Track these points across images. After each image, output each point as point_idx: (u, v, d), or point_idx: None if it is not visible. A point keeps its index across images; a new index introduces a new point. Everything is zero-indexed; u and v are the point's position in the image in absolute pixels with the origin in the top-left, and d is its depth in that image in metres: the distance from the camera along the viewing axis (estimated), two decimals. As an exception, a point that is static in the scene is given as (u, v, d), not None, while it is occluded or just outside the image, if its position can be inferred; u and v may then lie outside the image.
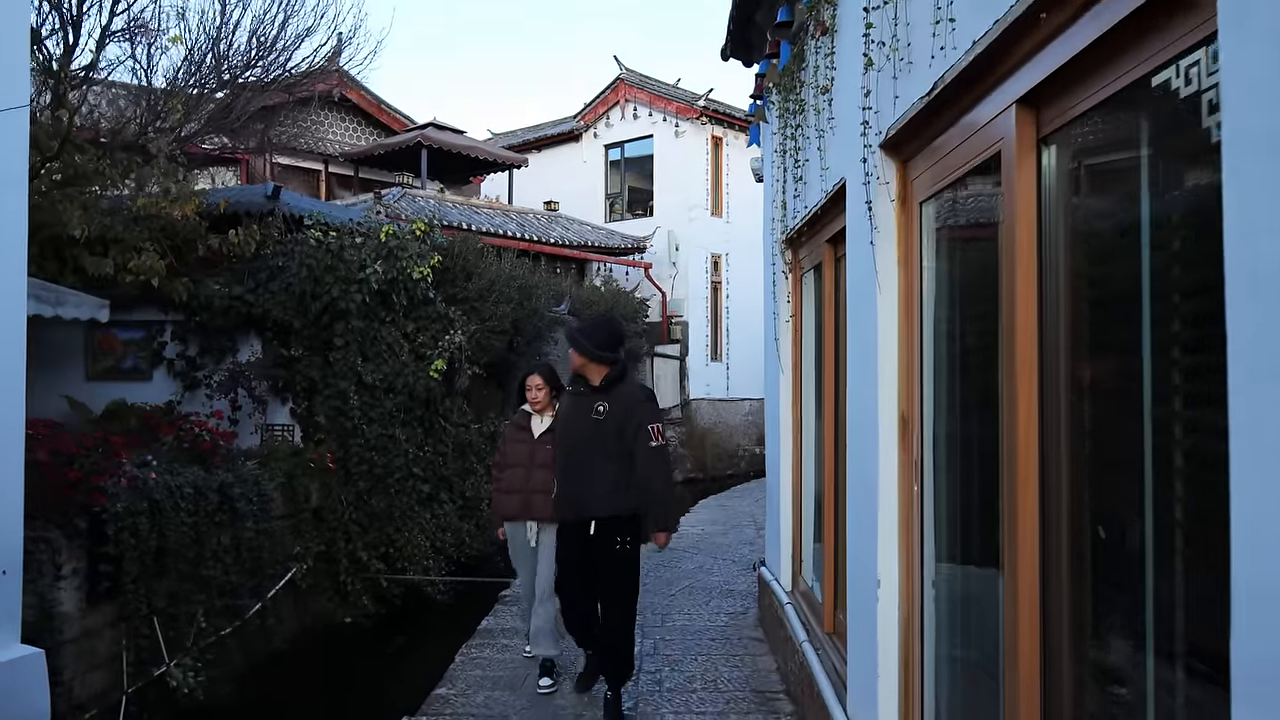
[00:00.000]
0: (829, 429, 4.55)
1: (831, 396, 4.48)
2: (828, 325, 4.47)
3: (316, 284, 9.86)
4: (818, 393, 4.90)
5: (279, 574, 8.89)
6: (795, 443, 5.37)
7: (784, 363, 5.28)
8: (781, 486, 5.61)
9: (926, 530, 2.94)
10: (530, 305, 13.96)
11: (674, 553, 9.56)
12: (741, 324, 23.32)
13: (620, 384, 4.74)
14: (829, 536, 4.59)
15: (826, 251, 4.41)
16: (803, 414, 5.26)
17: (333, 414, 10.03)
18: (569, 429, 4.79)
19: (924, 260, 2.97)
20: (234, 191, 11.34)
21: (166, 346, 10.52)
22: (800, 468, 5.36)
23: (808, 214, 4.40)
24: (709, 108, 22.57)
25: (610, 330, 4.89)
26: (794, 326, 5.25)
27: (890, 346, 3.13)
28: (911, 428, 3.02)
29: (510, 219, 20.06)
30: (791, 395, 5.37)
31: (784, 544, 5.59)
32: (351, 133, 22.86)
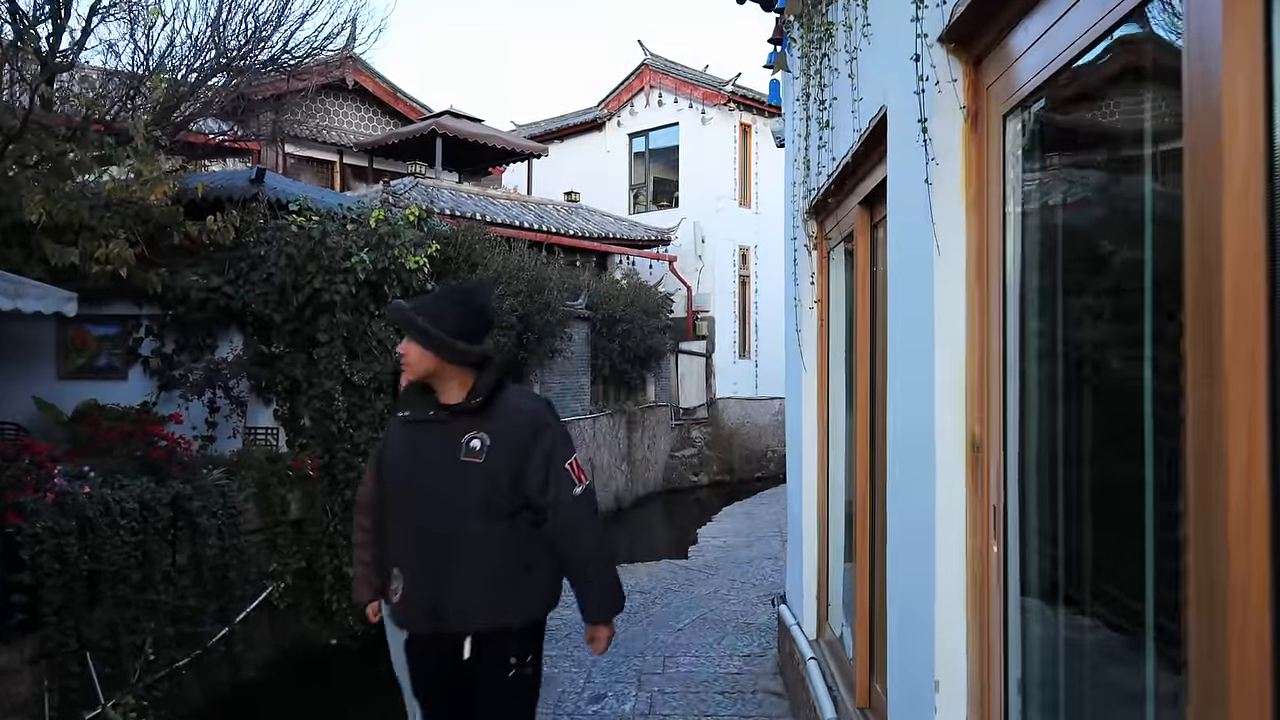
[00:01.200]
0: (861, 447, 3.55)
1: (865, 405, 3.48)
2: (860, 312, 3.47)
3: (298, 274, 8.99)
4: (849, 398, 3.92)
5: (251, 594, 8.04)
6: (821, 458, 4.38)
7: (807, 359, 4.29)
8: (804, 511, 4.61)
9: (1012, 610, 1.95)
10: (541, 299, 13.05)
11: (687, 573, 8.58)
12: (771, 319, 22.24)
13: (503, 396, 2.83)
14: (862, 580, 3.60)
15: (859, 218, 3.42)
16: (830, 423, 4.27)
17: (317, 416, 9.17)
18: (414, 480, 2.83)
19: (1008, 203, 1.98)
20: (214, 176, 10.50)
21: (142, 343, 9.72)
22: (827, 490, 4.36)
23: (837, 167, 3.41)
24: (737, 93, 21.51)
25: (470, 305, 2.84)
26: (820, 314, 4.26)
27: (953, 335, 2.14)
28: (986, 458, 2.04)
29: (528, 210, 19.18)
30: (817, 399, 4.38)
31: (807, 581, 4.60)
32: (366, 122, 22.13)
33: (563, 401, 15.42)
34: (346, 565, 9.09)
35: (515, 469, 2.75)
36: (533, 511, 2.81)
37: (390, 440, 3.04)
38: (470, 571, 2.75)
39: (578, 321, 15.82)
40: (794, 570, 5.05)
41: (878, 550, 3.47)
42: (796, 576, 4.91)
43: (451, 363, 2.77)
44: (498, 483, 2.73)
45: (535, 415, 2.87)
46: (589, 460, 15.76)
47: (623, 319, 16.65)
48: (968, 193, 2.08)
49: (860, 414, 3.52)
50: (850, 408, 3.94)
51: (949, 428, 2.11)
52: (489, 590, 2.76)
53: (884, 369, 3.23)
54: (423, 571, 2.79)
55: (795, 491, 4.86)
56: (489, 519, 2.74)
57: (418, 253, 10.04)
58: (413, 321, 2.76)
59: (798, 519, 4.81)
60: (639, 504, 17.40)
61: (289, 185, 10.47)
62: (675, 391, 20.07)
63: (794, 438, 4.81)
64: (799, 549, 4.80)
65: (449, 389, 2.82)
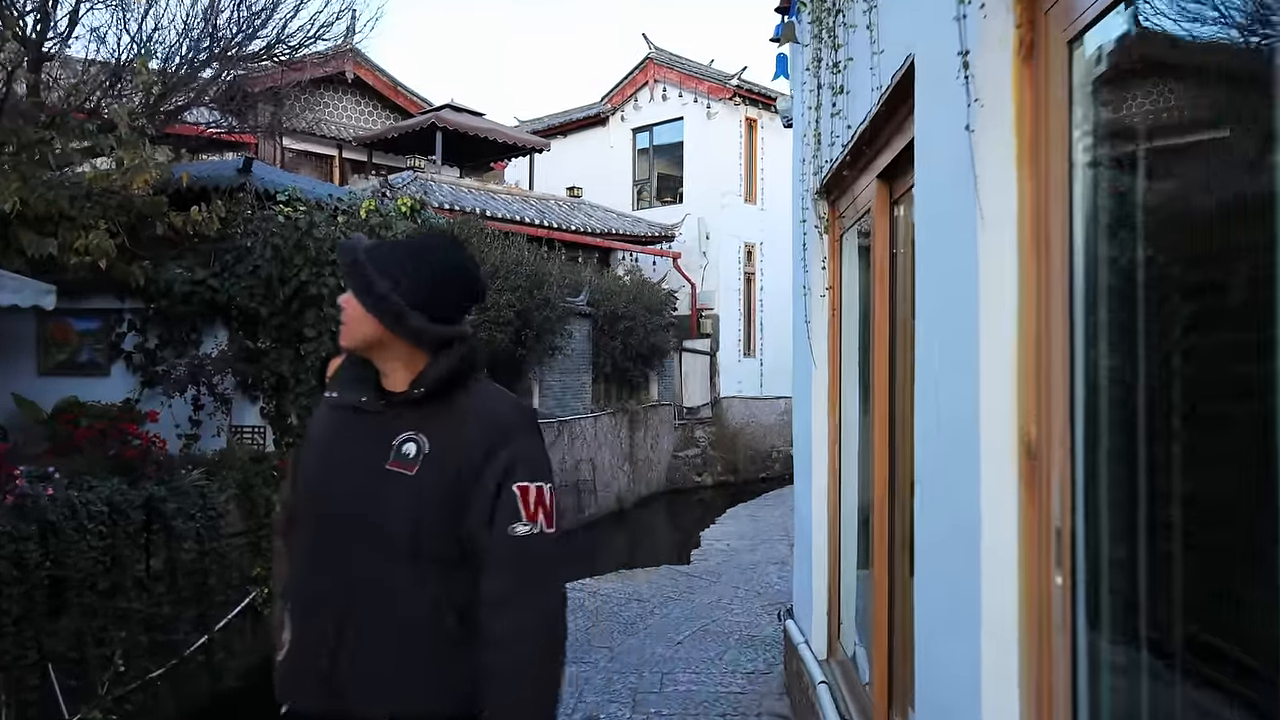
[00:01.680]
0: (880, 447, 3.18)
1: (883, 402, 3.11)
2: (878, 299, 3.10)
3: (284, 266, 8.64)
4: (865, 396, 3.55)
5: (233, 600, 7.69)
6: (832, 459, 4.00)
7: (817, 352, 3.92)
8: (814, 516, 4.24)
9: (1081, 659, 1.58)
10: (541, 295, 12.69)
11: (688, 579, 8.20)
12: (776, 317, 21.84)
13: (465, 392, 1.95)
14: (880, 595, 3.23)
15: (877, 193, 3.05)
16: (843, 421, 3.90)
17: (305, 414, 8.81)
18: (326, 488, 1.97)
19: (1074, 153, 1.61)
20: (201, 165, 10.16)
21: (126, 338, 9.38)
22: (839, 494, 3.99)
23: (852, 136, 3.04)
24: (742, 87, 21.12)
25: (443, 265, 2.00)
26: (832, 303, 3.89)
27: (1001, 319, 1.77)
28: (1045, 467, 1.67)
29: (529, 205, 18.82)
30: (828, 395, 4.01)
31: (817, 594, 4.23)
32: (366, 116, 21.79)
33: (563, 400, 15.07)
34: (335, 569, 8.74)
35: (458, 491, 1.83)
36: (466, 556, 1.86)
37: (310, 431, 2.13)
38: (383, 630, 1.84)
39: (579, 318, 15.46)
40: (802, 581, 4.68)
41: (898, 562, 3.11)
42: (805, 588, 4.54)
43: (401, 336, 1.93)
44: (430, 506, 1.83)
45: (499, 422, 1.90)
46: (589, 460, 15.41)
47: (625, 316, 16.28)
48: (1020, 142, 1.71)
49: (878, 411, 3.15)
50: (866, 405, 3.57)
51: (996, 428, 1.74)
52: (409, 660, 1.83)
53: (907, 362, 2.86)
54: (316, 622, 1.90)
55: (804, 495, 4.49)
56: (416, 557, 1.82)
57: (411, 245, 9.67)
58: (359, 268, 1.98)
59: (806, 525, 4.44)
60: (641, 505, 17.03)
61: (278, 175, 10.13)
62: (679, 390, 19.69)
63: (802, 437, 4.44)
64: (807, 558, 4.43)
65: (394, 371, 1.97)
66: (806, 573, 4.47)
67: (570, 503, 14.69)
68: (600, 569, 11.87)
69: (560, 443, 14.60)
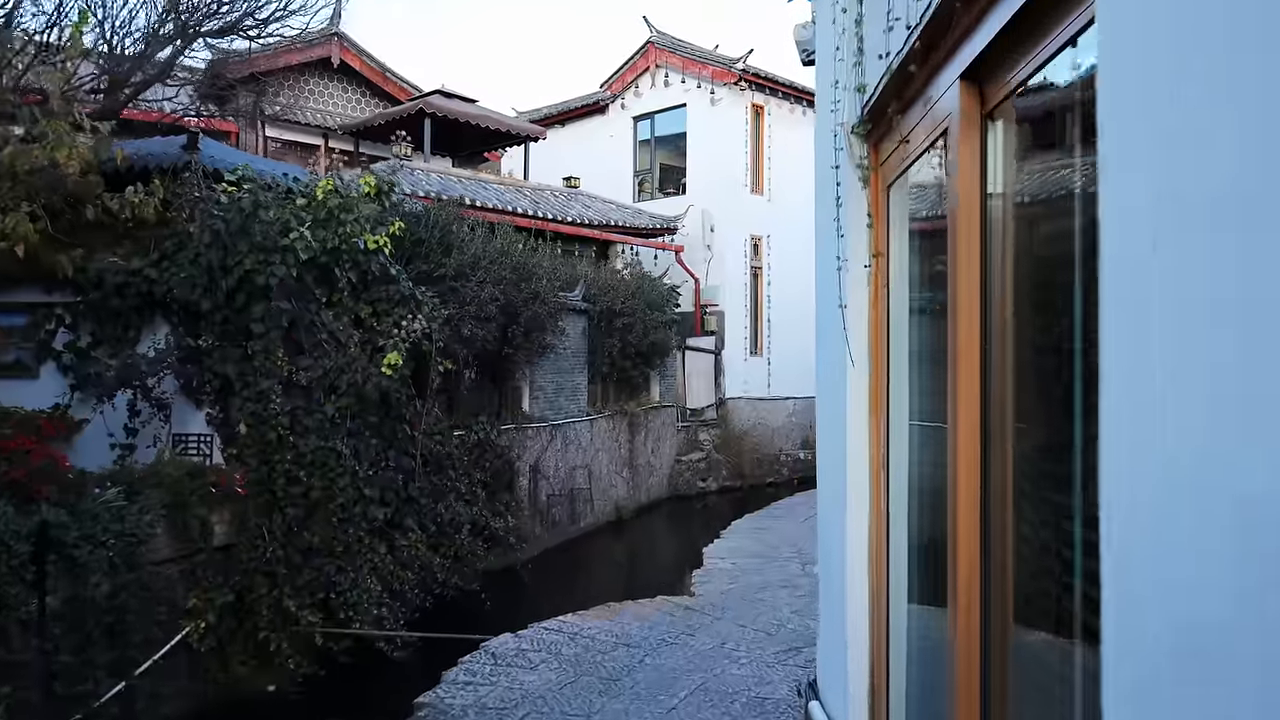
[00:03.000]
0: (964, 474, 2.10)
1: (971, 408, 2.04)
2: (962, 264, 2.03)
3: (226, 253, 7.60)
4: (930, 397, 2.49)
5: (160, 639, 6.65)
6: (876, 487, 2.93)
7: (855, 343, 2.84)
8: (849, 560, 3.15)
9: None
10: (529, 288, 11.62)
11: (686, 616, 7.09)
12: (785, 313, 20.77)
13: None
14: (968, 687, 2.16)
15: (963, 104, 1.98)
16: (890, 435, 2.82)
17: (252, 422, 7.77)
18: None
19: None
20: (141, 142, 9.10)
21: (56, 335, 8.34)
22: (886, 534, 2.91)
23: (922, 17, 1.97)
24: (748, 71, 20.03)
25: None
26: (876, 277, 2.82)
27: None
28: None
29: (522, 195, 17.75)
30: (869, 402, 2.93)
31: (854, 665, 3.16)
32: (354, 104, 20.79)
33: (557, 402, 14.00)
34: (289, 597, 7.70)
35: None
36: None
37: None
38: None
39: (574, 315, 14.39)
40: (831, 643, 3.58)
41: (998, 644, 2.04)
42: (835, 653, 3.44)
43: None
44: None
45: None
46: (585, 467, 14.35)
47: (624, 312, 15.20)
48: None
49: (963, 422, 2.08)
50: (930, 411, 2.52)
51: None
52: None
53: (1005, 354, 1.79)
54: None
55: (832, 527, 3.40)
56: None
57: (378, 231, 8.62)
58: None
59: (836, 566, 3.33)
60: (641, 513, 15.96)
61: (229, 154, 9.08)
62: (681, 391, 18.61)
63: (831, 454, 3.34)
64: (839, 612, 3.33)
65: None
66: (838, 631, 3.37)
67: (565, 512, 13.64)
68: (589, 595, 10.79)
69: (553, 448, 13.55)
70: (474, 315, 10.13)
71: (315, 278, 8.15)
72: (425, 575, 9.02)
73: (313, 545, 7.92)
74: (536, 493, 12.99)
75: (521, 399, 13.19)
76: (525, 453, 12.68)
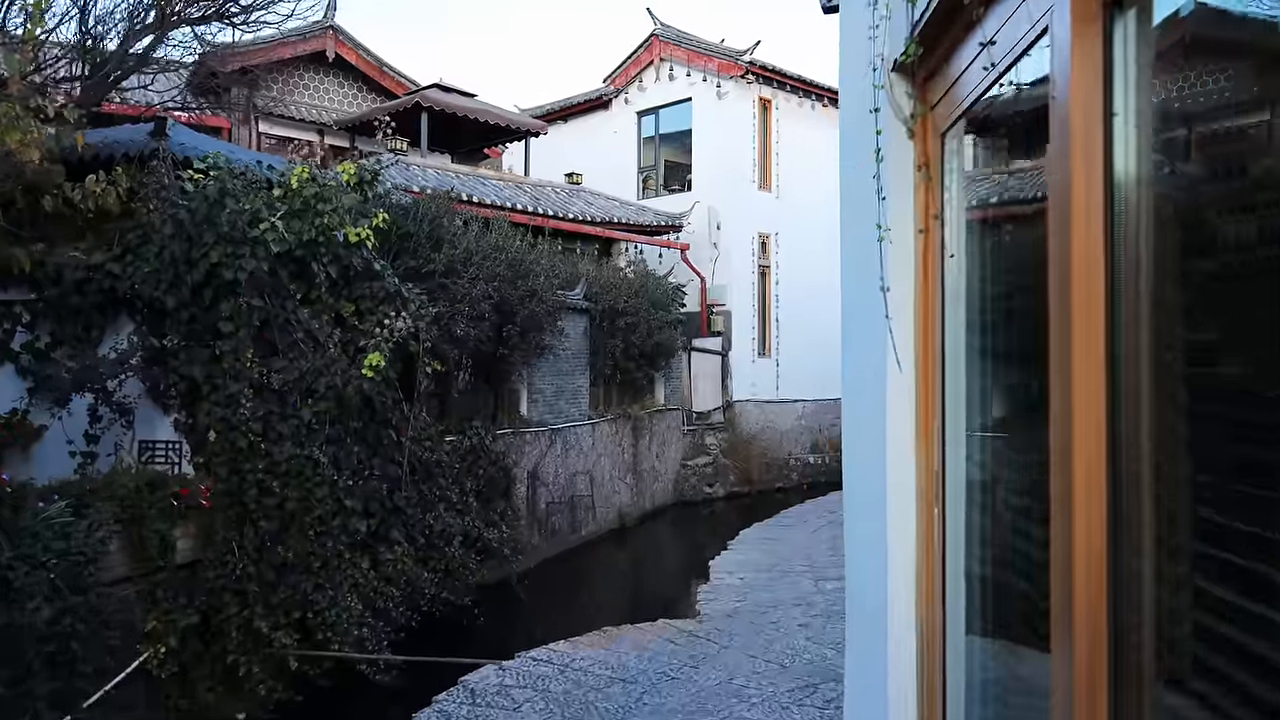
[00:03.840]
0: (1085, 503, 1.49)
1: (1093, 419, 1.44)
2: (1079, 227, 1.43)
3: (190, 245, 7.02)
4: (1016, 406, 1.89)
5: (114, 667, 6.06)
6: (928, 510, 2.30)
7: (901, 343, 2.22)
8: (892, 594, 2.47)
9: None
10: (526, 286, 11.02)
11: (690, 644, 6.45)
12: (794, 313, 20.17)
13: None
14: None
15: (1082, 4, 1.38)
16: (948, 449, 2.21)
17: (221, 428, 7.18)
18: None
19: None
20: (105, 130, 8.54)
21: (15, 335, 7.77)
22: (942, 561, 2.28)
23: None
24: (756, 64, 19.42)
25: None
26: (927, 252, 2.21)
27: None
28: None
29: (522, 191, 17.17)
30: (919, 412, 2.31)
31: (897, 711, 2.55)
32: (350, 99, 20.26)
33: (556, 406, 13.40)
34: (261, 617, 7.11)
35: None
36: None
37: None
38: None
39: (574, 314, 13.79)
40: (865, 688, 2.94)
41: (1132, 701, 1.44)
42: (872, 701, 2.81)
43: None
44: None
45: None
46: (587, 472, 13.74)
47: (627, 311, 14.60)
48: None
49: (1081, 436, 1.47)
50: (1009, 420, 1.91)
51: None
52: None
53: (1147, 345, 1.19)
54: None
55: (869, 555, 2.74)
56: None
57: (360, 224, 8.04)
58: None
59: (875, 601, 2.66)
60: (645, 521, 15.35)
61: (202, 142, 8.50)
62: (687, 394, 18.00)
63: (865, 471, 2.71)
64: (876, 652, 2.68)
65: None
66: (874, 671, 2.73)
67: (565, 521, 13.04)
68: (587, 611, 10.19)
69: (553, 453, 12.95)
70: (466, 314, 9.54)
71: (291, 273, 7.57)
72: (412, 591, 8.42)
73: (287, 561, 7.34)
74: (535, 500, 12.39)
75: (519, 402, 12.59)
76: (523, 458, 12.08)
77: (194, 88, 16.64)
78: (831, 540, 11.39)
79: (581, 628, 8.07)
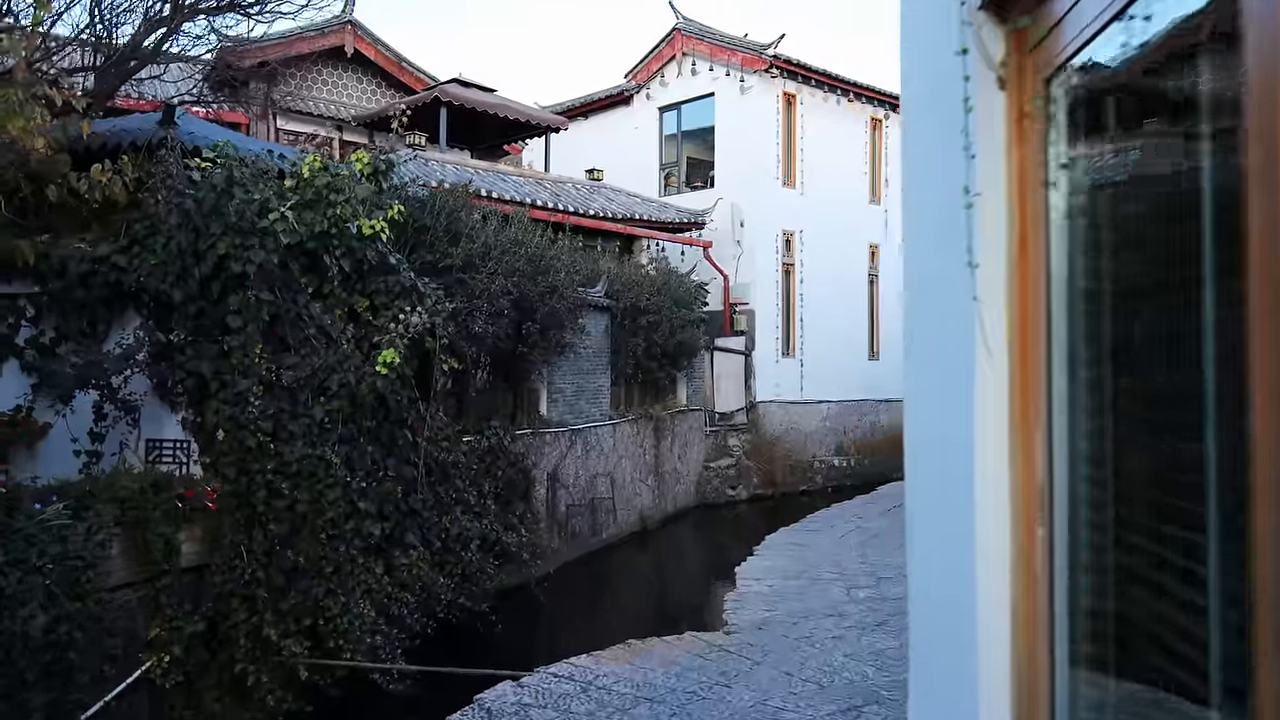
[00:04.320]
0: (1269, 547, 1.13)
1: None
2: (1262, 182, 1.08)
3: (197, 236, 6.74)
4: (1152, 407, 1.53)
5: (115, 676, 5.78)
6: (1028, 528, 1.93)
7: (992, 323, 1.86)
8: (983, 622, 2.10)
9: None
10: (546, 282, 10.70)
11: (721, 659, 6.06)
12: (819, 312, 19.76)
13: None
14: None
15: None
16: (1054, 458, 1.84)
17: (229, 426, 6.90)
18: None
19: None
20: (113, 120, 8.30)
21: (19, 330, 7.53)
22: (1050, 588, 1.91)
23: None
24: (780, 58, 19.02)
25: None
26: (1024, 222, 1.85)
27: None
28: None
29: (542, 187, 16.87)
30: (1016, 407, 1.93)
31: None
32: (368, 95, 20.06)
33: (577, 406, 13.06)
34: (271, 624, 6.82)
35: None
36: None
37: None
38: None
39: (596, 312, 13.45)
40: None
41: None
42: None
43: None
44: None
45: None
46: (608, 474, 13.41)
47: (649, 310, 14.24)
48: None
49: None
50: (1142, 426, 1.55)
51: None
52: None
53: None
54: None
55: (945, 576, 2.36)
56: None
57: (374, 216, 7.74)
58: None
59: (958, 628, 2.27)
60: (667, 523, 14.99)
61: (213, 131, 8.24)
62: (709, 394, 17.63)
63: (940, 482, 2.34)
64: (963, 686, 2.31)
65: None
66: (960, 709, 2.35)
67: (585, 523, 12.71)
68: (608, 619, 9.85)
69: (573, 454, 12.62)
70: (485, 310, 9.22)
71: (302, 266, 7.28)
72: (427, 597, 8.12)
73: (298, 565, 7.04)
74: (555, 503, 12.07)
75: (539, 402, 12.27)
76: (543, 460, 11.76)
77: (211, 83, 16.46)
78: (860, 546, 11.00)
79: (603, 636, 7.73)
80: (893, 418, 21.24)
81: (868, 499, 15.61)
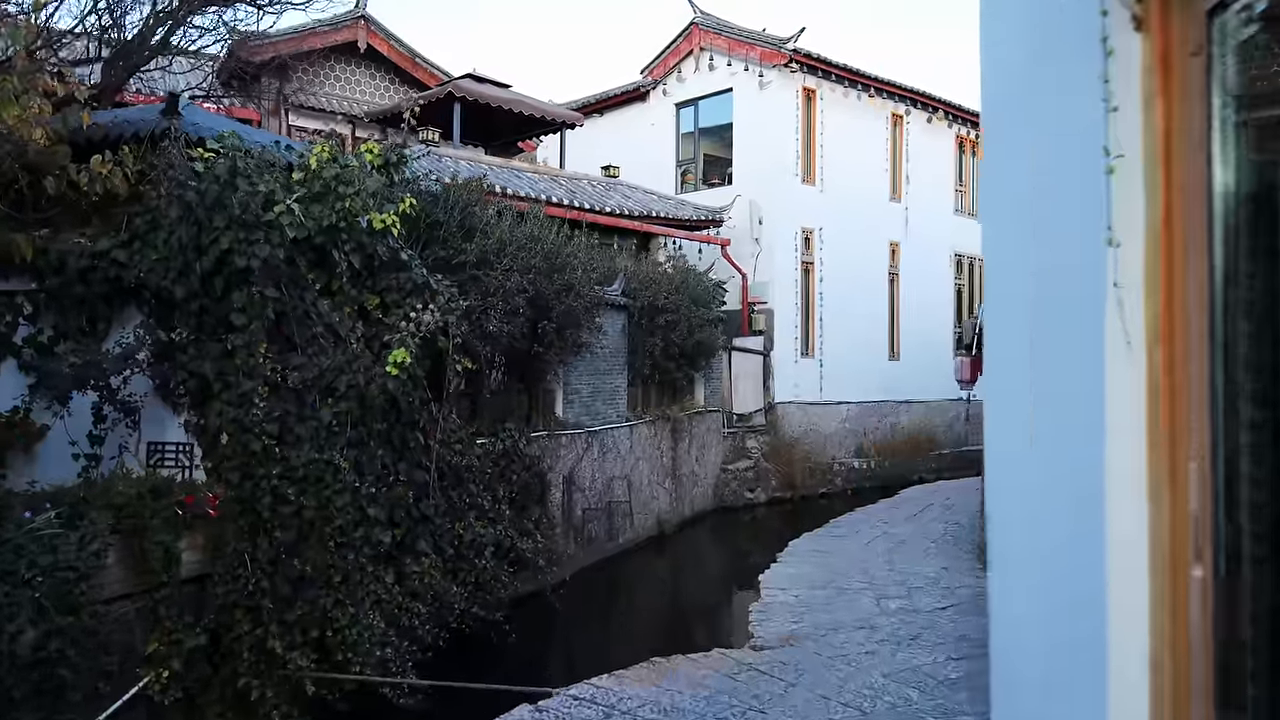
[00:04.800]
0: None
1: None
2: None
3: (199, 230, 6.44)
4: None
5: (111, 693, 5.48)
6: (1177, 547, 1.58)
7: (1131, 308, 1.53)
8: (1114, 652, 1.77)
9: None
10: (562, 279, 10.37)
11: (751, 679, 5.67)
12: (839, 312, 19.38)
13: None
14: None
15: None
16: (1219, 489, 1.50)
17: (233, 429, 6.60)
18: None
19: None
20: (116, 111, 8.01)
21: (18, 328, 7.25)
22: (1212, 613, 1.56)
23: None
24: (799, 52, 18.64)
25: None
26: (1171, 190, 1.51)
27: None
28: None
29: (558, 184, 16.54)
30: (1158, 405, 1.60)
31: None
32: (381, 91, 19.79)
33: (593, 407, 12.73)
34: (276, 637, 6.50)
35: None
36: None
37: None
38: None
39: (612, 311, 13.11)
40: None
41: None
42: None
43: None
44: None
45: None
46: (624, 477, 13.07)
47: (666, 309, 13.90)
48: None
49: None
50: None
51: None
52: None
53: None
54: None
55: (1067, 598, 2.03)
56: None
57: (386, 209, 7.43)
58: None
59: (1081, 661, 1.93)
60: (685, 527, 14.64)
61: (218, 122, 7.93)
62: (728, 395, 17.26)
63: (1056, 521, 1.98)
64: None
65: None
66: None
67: (602, 528, 12.37)
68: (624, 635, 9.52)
69: (589, 457, 12.28)
70: (499, 308, 8.90)
71: (309, 261, 6.97)
72: (440, 606, 7.79)
73: (305, 574, 6.72)
74: (571, 507, 11.73)
75: (554, 403, 11.94)
76: (558, 463, 11.43)
77: (222, 78, 16.20)
78: (888, 553, 10.62)
79: (622, 648, 7.39)
80: (913, 419, 20.83)
81: (891, 503, 15.21)
